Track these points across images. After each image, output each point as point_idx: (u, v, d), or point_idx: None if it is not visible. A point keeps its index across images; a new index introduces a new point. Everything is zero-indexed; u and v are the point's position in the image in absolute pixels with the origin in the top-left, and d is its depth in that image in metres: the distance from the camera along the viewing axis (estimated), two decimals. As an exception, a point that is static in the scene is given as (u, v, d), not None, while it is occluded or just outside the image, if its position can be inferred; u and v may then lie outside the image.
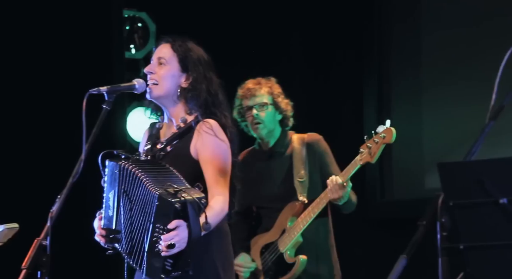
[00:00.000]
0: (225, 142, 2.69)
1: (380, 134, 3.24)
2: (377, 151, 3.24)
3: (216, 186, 2.64)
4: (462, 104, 4.36)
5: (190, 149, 2.70)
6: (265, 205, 3.50)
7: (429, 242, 1.92)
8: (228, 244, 2.76)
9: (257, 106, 3.45)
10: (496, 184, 1.74)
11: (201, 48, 2.81)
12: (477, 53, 4.32)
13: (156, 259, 2.50)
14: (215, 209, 2.60)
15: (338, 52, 4.86)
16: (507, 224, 1.73)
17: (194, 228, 2.47)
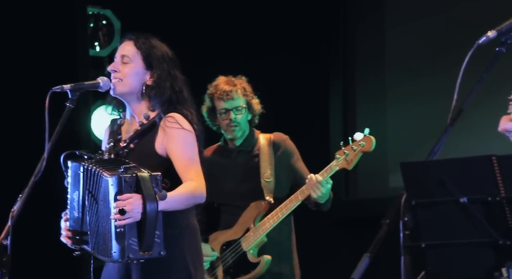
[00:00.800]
0: (191, 131, 2.69)
1: (359, 141, 3.26)
2: (355, 158, 3.27)
3: (187, 173, 2.63)
4: (425, 103, 4.40)
5: (155, 145, 2.69)
6: (227, 202, 3.50)
7: (392, 241, 1.94)
8: (198, 240, 2.75)
9: (235, 110, 3.46)
10: (457, 184, 1.77)
11: (165, 45, 2.79)
12: (440, 52, 4.37)
13: (121, 240, 2.49)
14: (182, 190, 2.59)
15: (303, 52, 4.88)
16: (467, 223, 1.76)
17: (149, 200, 2.46)
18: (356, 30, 4.85)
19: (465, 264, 1.81)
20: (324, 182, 3.27)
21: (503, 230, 1.72)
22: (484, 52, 1.99)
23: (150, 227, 2.48)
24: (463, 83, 1.99)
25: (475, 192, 1.75)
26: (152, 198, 2.49)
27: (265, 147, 3.49)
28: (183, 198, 2.60)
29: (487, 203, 1.73)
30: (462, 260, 1.80)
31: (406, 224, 1.88)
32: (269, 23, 4.88)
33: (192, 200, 2.63)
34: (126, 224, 2.48)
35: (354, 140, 3.27)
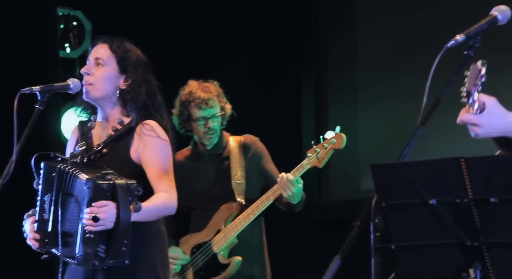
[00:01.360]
0: (166, 141, 2.68)
1: (330, 139, 3.28)
2: (326, 156, 3.29)
3: (161, 184, 2.62)
4: (397, 105, 4.44)
5: (130, 152, 2.67)
6: (198, 205, 3.50)
7: (363, 243, 1.95)
8: (166, 246, 2.76)
9: (213, 118, 3.46)
10: (426, 185, 1.78)
11: (139, 49, 2.78)
12: (412, 54, 4.41)
13: (89, 246, 2.48)
14: (155, 201, 2.59)
15: (276, 54, 4.89)
16: (436, 224, 1.78)
17: (123, 209, 2.45)
18: (328, 31, 4.87)
19: (434, 265, 1.83)
20: (295, 181, 3.28)
21: (470, 232, 1.74)
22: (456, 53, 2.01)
23: (120, 236, 2.46)
24: (433, 86, 2.01)
25: (444, 194, 1.76)
26: (126, 208, 2.47)
27: (235, 149, 3.50)
28: (155, 210, 2.60)
29: (456, 204, 1.74)
30: (431, 261, 1.82)
31: (376, 226, 1.89)
32: (240, 24, 4.89)
33: (164, 212, 2.63)
34: (97, 231, 2.46)
35: (325, 138, 3.30)
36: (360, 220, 1.90)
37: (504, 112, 1.84)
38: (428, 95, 1.99)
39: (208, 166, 3.53)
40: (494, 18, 1.98)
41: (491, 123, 1.81)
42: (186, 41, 4.79)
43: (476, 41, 1.95)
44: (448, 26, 3.94)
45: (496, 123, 1.81)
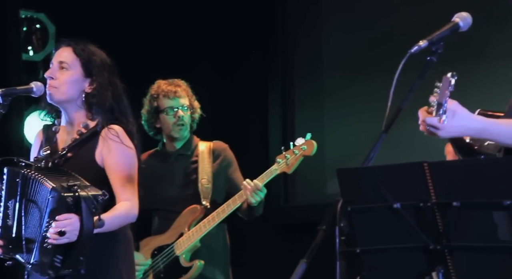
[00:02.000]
0: (131, 148, 2.66)
1: (300, 146, 3.30)
2: (295, 162, 3.31)
3: (124, 192, 2.61)
4: (362, 110, 4.47)
5: (95, 155, 2.65)
6: (163, 207, 3.49)
7: (329, 246, 1.96)
8: (131, 250, 2.74)
9: (182, 108, 3.44)
10: (391, 190, 1.80)
11: (104, 52, 2.75)
12: (377, 58, 4.45)
13: (46, 255, 2.46)
14: (118, 211, 2.58)
15: (243, 58, 4.89)
16: (400, 228, 1.79)
17: (87, 223, 2.44)
18: (294, 36, 4.90)
19: (398, 269, 1.84)
20: (263, 187, 3.29)
21: (434, 235, 1.76)
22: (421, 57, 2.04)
23: (81, 248, 2.44)
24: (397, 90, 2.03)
25: (408, 198, 1.78)
26: (89, 221, 2.45)
27: (204, 154, 3.50)
28: (117, 220, 2.59)
29: (419, 208, 1.76)
30: (395, 264, 1.83)
31: (342, 229, 1.90)
32: (207, 28, 4.89)
33: (126, 221, 2.63)
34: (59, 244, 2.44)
35: (295, 144, 3.32)
36: (326, 224, 1.91)
37: (466, 115, 1.86)
38: (392, 100, 2.01)
39: (175, 168, 3.52)
40: (456, 25, 2.02)
41: (452, 125, 1.83)
42: (152, 44, 4.77)
43: (439, 47, 1.98)
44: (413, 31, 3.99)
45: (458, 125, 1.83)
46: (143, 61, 4.62)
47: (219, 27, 4.89)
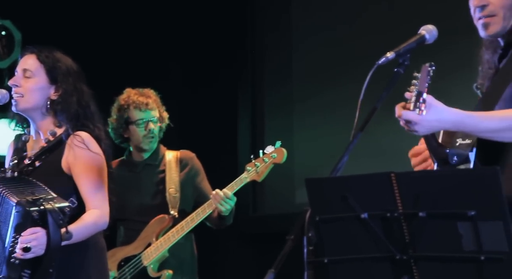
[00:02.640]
0: (98, 154, 2.64)
1: (270, 154, 3.32)
2: (265, 170, 3.33)
3: (93, 199, 2.59)
4: (332, 118, 4.50)
5: (62, 163, 2.63)
6: (129, 217, 3.47)
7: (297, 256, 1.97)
8: (104, 259, 2.72)
9: (153, 120, 3.43)
10: (358, 200, 1.81)
11: (70, 58, 2.73)
12: (346, 67, 4.49)
13: (13, 270, 2.43)
14: (86, 221, 2.55)
15: (212, 67, 4.90)
16: (368, 238, 1.80)
17: (54, 237, 2.42)
18: (264, 45, 4.92)
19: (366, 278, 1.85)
20: (232, 196, 3.29)
21: (400, 246, 1.77)
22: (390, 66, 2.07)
23: (49, 261, 2.41)
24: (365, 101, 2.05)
25: (375, 208, 1.79)
26: (57, 234, 2.44)
27: (172, 163, 3.49)
28: (86, 230, 2.57)
29: (386, 218, 1.77)
30: (362, 274, 1.84)
31: (310, 239, 1.90)
32: (177, 36, 4.88)
33: (95, 230, 2.60)
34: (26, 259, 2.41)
35: (265, 152, 3.33)
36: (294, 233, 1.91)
37: (442, 107, 1.88)
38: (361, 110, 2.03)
39: (143, 177, 3.51)
40: (422, 37, 2.05)
41: (429, 119, 1.84)
42: (120, 51, 4.74)
43: (406, 58, 2.00)
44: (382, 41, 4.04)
45: (434, 119, 1.85)
46: (112, 69, 4.59)
47: (188, 36, 4.89)
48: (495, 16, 2.06)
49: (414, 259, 1.77)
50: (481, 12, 2.07)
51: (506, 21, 2.05)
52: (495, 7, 2.06)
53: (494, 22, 2.06)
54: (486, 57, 2.13)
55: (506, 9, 2.05)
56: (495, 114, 1.92)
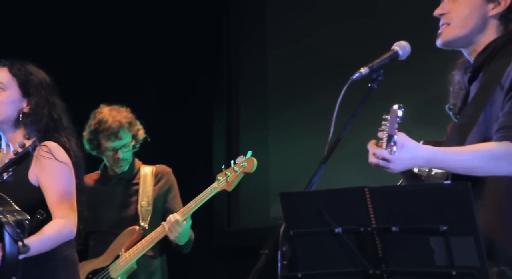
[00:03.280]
0: (66, 164, 2.62)
1: (241, 163, 3.32)
2: (236, 179, 3.33)
3: (59, 209, 2.56)
4: (307, 132, 4.52)
5: (29, 175, 2.60)
6: (99, 230, 3.46)
7: (271, 271, 1.96)
8: (75, 274, 2.67)
9: (123, 148, 3.42)
10: (332, 214, 1.82)
11: (43, 71, 2.72)
12: (322, 80, 4.50)
13: None
14: (47, 232, 2.52)
15: (188, 80, 4.90)
16: (342, 253, 1.80)
17: (10, 250, 2.38)
18: (240, 58, 4.93)
19: (339, 293, 1.85)
20: (182, 222, 3.28)
21: (373, 260, 1.77)
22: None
23: (7, 275, 2.38)
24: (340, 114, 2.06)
25: (349, 222, 1.80)
26: (13, 249, 2.40)
27: (147, 177, 3.49)
28: (49, 240, 2.53)
29: (360, 233, 1.78)
30: (336, 289, 1.84)
31: (284, 254, 1.90)
32: (152, 49, 4.88)
33: (60, 240, 2.56)
34: None
35: (236, 162, 3.34)
36: (268, 248, 1.91)
37: (415, 145, 1.90)
38: (335, 125, 2.04)
39: (116, 191, 3.51)
40: (395, 53, 2.07)
41: (403, 157, 1.86)
42: (96, 64, 4.73)
43: (379, 74, 2.02)
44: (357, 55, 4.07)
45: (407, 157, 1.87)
46: (88, 82, 4.57)
47: (163, 48, 4.89)
48: (449, 24, 2.07)
49: (387, 273, 1.78)
50: (441, 20, 2.09)
51: (460, 30, 2.05)
52: (451, 16, 2.07)
53: (447, 30, 2.07)
54: (457, 77, 2.15)
55: (460, 18, 2.05)
56: (466, 149, 1.93)
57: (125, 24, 4.83)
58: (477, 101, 2.02)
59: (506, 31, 2.07)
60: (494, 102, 1.99)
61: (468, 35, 2.07)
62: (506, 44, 2.05)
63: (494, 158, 1.90)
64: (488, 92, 2.00)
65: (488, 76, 2.03)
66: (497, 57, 2.04)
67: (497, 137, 1.94)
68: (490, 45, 2.06)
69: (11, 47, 4.30)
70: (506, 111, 1.95)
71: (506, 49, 2.04)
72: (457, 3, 2.07)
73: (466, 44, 2.09)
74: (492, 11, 2.06)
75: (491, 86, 2.00)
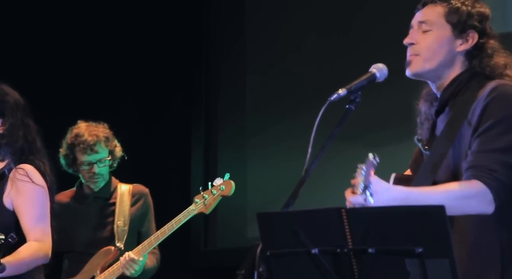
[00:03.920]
0: (42, 186, 2.59)
1: (218, 186, 3.31)
2: (213, 202, 3.31)
3: (34, 232, 2.53)
4: (285, 152, 4.53)
5: (3, 199, 2.57)
6: (74, 250, 3.42)
7: (248, 291, 1.95)
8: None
9: (99, 162, 3.39)
10: (309, 235, 1.81)
11: (17, 92, 2.70)
12: (301, 100, 4.53)
13: None
14: (22, 254, 2.49)
15: (166, 99, 4.89)
16: (318, 274, 1.80)
17: None
18: (218, 78, 4.95)
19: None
20: (138, 260, 3.26)
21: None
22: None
23: None
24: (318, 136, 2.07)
25: (326, 243, 1.79)
26: None
27: (124, 196, 3.46)
28: (23, 263, 2.50)
29: (336, 254, 1.78)
30: (312, 310, 1.84)
31: (260, 274, 1.89)
32: (131, 68, 4.87)
33: (34, 263, 2.53)
34: None
35: (214, 184, 3.33)
36: (245, 268, 1.90)
37: (387, 187, 1.92)
38: (313, 145, 2.05)
39: (92, 210, 3.47)
40: (373, 75, 2.09)
41: (377, 201, 1.87)
42: (73, 83, 4.71)
43: (357, 96, 2.04)
44: (334, 75, 4.11)
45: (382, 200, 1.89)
46: (66, 100, 4.55)
47: (143, 69, 4.89)
48: (418, 55, 2.10)
49: (363, 295, 1.78)
50: (410, 50, 2.13)
51: (428, 63, 2.09)
52: (420, 47, 2.10)
53: (416, 61, 2.10)
54: (423, 108, 2.19)
55: (429, 51, 2.08)
56: (438, 190, 1.96)
57: (104, 43, 4.82)
58: (445, 136, 2.05)
59: (470, 66, 2.11)
60: (463, 137, 2.03)
61: (437, 69, 2.10)
62: (470, 79, 2.09)
63: (464, 198, 1.94)
64: (456, 128, 2.03)
65: (455, 111, 2.07)
66: (462, 91, 2.08)
67: (466, 176, 1.98)
68: (456, 80, 2.10)
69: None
70: (474, 150, 1.99)
71: (470, 84, 2.08)
72: (427, 35, 2.10)
73: (434, 77, 2.13)
74: (460, 47, 2.10)
75: (458, 122, 2.04)
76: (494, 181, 1.94)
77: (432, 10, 2.10)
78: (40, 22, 4.68)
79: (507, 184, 1.95)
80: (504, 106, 1.99)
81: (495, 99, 1.99)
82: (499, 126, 1.97)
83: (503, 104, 1.99)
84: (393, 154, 3.23)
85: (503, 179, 1.95)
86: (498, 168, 1.94)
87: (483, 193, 1.93)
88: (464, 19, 2.09)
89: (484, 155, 1.96)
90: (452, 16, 2.09)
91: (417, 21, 2.12)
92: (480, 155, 1.97)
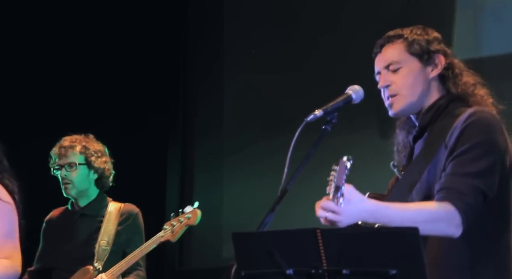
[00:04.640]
0: (9, 203, 2.57)
1: (186, 214, 3.30)
2: (180, 230, 3.31)
3: (3, 250, 2.51)
4: (262, 172, 4.52)
5: None
6: (58, 266, 3.38)
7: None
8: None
9: (66, 166, 3.37)
10: (284, 255, 1.81)
11: None
12: (277, 120, 4.54)
13: None
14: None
15: (143, 119, 4.88)
16: (293, 295, 1.80)
17: None
18: (195, 97, 4.95)
19: None
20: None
21: (324, 302, 1.77)
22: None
23: None
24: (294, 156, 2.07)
25: (301, 264, 1.79)
26: None
27: (112, 215, 3.44)
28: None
29: (311, 275, 1.77)
30: None
31: (235, 295, 1.88)
32: (108, 88, 4.85)
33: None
34: None
35: (183, 212, 3.33)
36: (219, 289, 1.89)
37: (361, 198, 1.93)
38: (289, 165, 2.05)
39: (78, 227, 3.45)
40: (349, 97, 2.11)
41: (350, 210, 1.88)
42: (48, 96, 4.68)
43: (333, 117, 2.05)
44: (312, 93, 4.13)
45: (355, 209, 1.89)
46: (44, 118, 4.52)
47: (119, 87, 4.87)
48: (398, 95, 2.14)
49: (337, 316, 1.77)
50: (386, 92, 2.16)
51: (410, 98, 2.12)
52: (397, 86, 2.13)
53: (398, 100, 2.14)
54: (400, 137, 2.22)
55: (407, 87, 2.12)
56: (410, 208, 1.98)
57: (84, 60, 4.81)
58: (421, 158, 2.08)
59: (445, 89, 2.15)
60: (439, 160, 2.06)
61: (418, 100, 2.13)
62: (449, 104, 2.13)
63: (434, 219, 1.96)
64: (433, 151, 2.06)
65: (433, 135, 2.10)
66: (441, 117, 2.12)
67: (438, 197, 2.00)
68: (434, 105, 2.14)
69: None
70: (448, 172, 2.02)
71: (449, 109, 2.12)
72: (398, 73, 2.14)
73: (416, 109, 2.16)
74: (432, 73, 2.15)
75: (435, 145, 2.06)
76: (464, 204, 1.96)
77: (393, 49, 2.15)
78: (19, 40, 4.66)
79: (476, 208, 1.98)
80: (481, 132, 2.02)
81: (472, 124, 2.03)
82: (474, 150, 2.00)
83: (479, 130, 2.03)
84: (371, 175, 3.24)
85: (473, 203, 1.97)
86: (469, 192, 1.97)
87: (453, 216, 1.96)
88: (426, 47, 2.14)
89: (457, 178, 1.99)
90: (414, 47, 2.14)
91: (382, 66, 2.16)
92: (454, 178, 1.99)
